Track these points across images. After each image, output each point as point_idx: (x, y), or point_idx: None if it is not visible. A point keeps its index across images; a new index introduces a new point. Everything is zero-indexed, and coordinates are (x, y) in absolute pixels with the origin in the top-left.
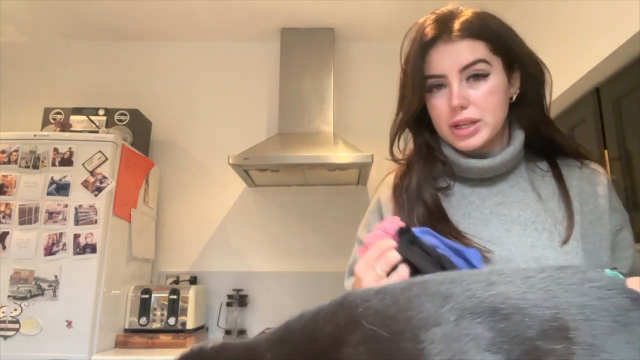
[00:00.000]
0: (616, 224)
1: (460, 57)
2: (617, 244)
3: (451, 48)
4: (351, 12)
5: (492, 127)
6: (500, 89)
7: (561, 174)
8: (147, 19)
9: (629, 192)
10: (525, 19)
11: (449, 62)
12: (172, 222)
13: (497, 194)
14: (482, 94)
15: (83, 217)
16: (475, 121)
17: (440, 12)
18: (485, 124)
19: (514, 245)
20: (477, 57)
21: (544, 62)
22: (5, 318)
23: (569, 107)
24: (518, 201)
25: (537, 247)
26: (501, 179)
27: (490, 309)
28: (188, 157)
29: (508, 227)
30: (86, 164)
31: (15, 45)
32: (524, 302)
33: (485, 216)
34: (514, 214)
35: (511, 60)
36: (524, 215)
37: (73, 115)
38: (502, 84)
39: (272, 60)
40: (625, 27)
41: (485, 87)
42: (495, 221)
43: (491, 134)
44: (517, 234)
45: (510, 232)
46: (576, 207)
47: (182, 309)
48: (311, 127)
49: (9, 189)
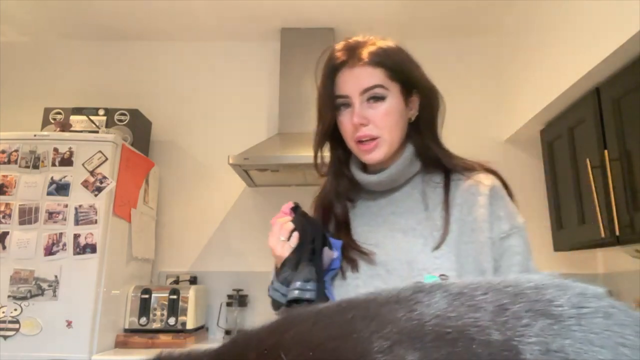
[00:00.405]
0: (500, 232)
1: (362, 81)
2: (503, 252)
3: (355, 73)
4: (351, 12)
5: (389, 144)
6: (395, 110)
7: (449, 186)
8: (147, 19)
9: (629, 192)
10: (525, 19)
11: (352, 84)
12: (172, 222)
13: (392, 204)
14: (379, 114)
15: (83, 217)
16: (375, 138)
17: (351, 41)
18: (384, 141)
19: (393, 250)
20: (375, 82)
21: (544, 61)
22: (5, 318)
23: (569, 107)
24: (408, 210)
25: (411, 251)
26: (397, 191)
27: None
28: (188, 157)
29: (393, 233)
30: (86, 164)
31: (15, 45)
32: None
33: (379, 224)
34: (401, 222)
35: (409, 86)
36: (408, 223)
37: (73, 115)
38: (397, 107)
39: (272, 60)
40: (625, 27)
41: (382, 108)
42: (384, 228)
43: (389, 149)
44: (399, 239)
45: (394, 238)
46: (456, 215)
47: (182, 309)
48: (311, 127)
49: (9, 189)
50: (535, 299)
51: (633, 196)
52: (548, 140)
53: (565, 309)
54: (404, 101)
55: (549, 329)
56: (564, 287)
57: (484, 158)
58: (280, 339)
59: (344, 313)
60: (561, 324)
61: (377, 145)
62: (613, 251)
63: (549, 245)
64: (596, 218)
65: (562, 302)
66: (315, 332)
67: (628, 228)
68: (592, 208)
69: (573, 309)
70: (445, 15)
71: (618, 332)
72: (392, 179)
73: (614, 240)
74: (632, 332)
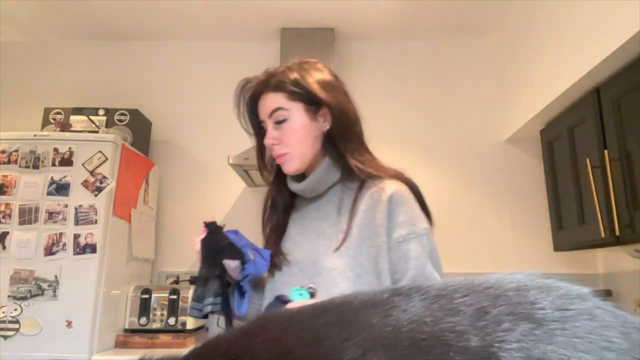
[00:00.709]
0: (397, 236)
1: (267, 106)
2: (401, 255)
3: (264, 99)
4: (351, 12)
5: (299, 158)
6: (299, 128)
7: (358, 193)
8: (147, 19)
9: (629, 192)
10: (525, 19)
11: (263, 110)
12: (172, 222)
13: (317, 210)
14: (284, 134)
15: (83, 217)
16: (284, 154)
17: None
18: (293, 156)
19: (306, 251)
20: (276, 106)
21: (544, 61)
22: (5, 318)
23: (569, 107)
24: (326, 215)
25: (317, 252)
26: (322, 197)
27: (409, 339)
28: (188, 157)
29: (310, 236)
30: (86, 164)
31: (15, 45)
32: (451, 331)
33: (304, 227)
34: (317, 226)
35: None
36: (322, 227)
37: (73, 115)
38: (302, 124)
39: (272, 60)
40: (625, 27)
41: (286, 128)
42: (306, 231)
43: (301, 162)
44: (312, 242)
45: (310, 240)
46: (359, 220)
47: (182, 309)
48: None
49: (9, 189)
50: (517, 301)
51: (633, 196)
52: (548, 140)
53: (548, 312)
54: (312, 116)
55: (530, 333)
56: (547, 288)
57: (484, 158)
58: (250, 344)
59: (317, 318)
60: (543, 328)
61: (287, 160)
62: (613, 251)
63: (549, 245)
64: (596, 218)
65: (544, 305)
66: (286, 337)
67: (628, 228)
68: (592, 208)
69: (557, 312)
70: (445, 15)
71: (603, 334)
72: (311, 187)
73: (614, 240)
74: (617, 333)
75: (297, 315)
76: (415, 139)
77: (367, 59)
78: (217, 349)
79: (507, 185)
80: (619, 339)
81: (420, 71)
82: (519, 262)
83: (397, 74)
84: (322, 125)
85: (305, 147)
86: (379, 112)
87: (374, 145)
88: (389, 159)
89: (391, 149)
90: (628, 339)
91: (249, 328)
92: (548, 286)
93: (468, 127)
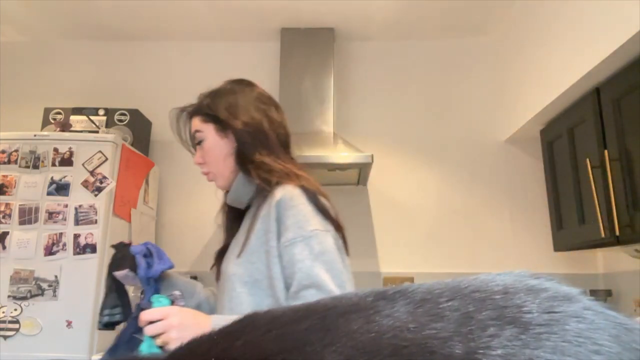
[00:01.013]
0: (284, 240)
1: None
2: (289, 258)
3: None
4: (351, 12)
5: (220, 175)
6: (213, 148)
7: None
8: (148, 19)
9: (629, 192)
10: (525, 19)
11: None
12: (172, 222)
13: (245, 220)
14: (204, 154)
15: (83, 217)
16: (208, 173)
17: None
18: (214, 174)
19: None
20: (194, 129)
21: (544, 61)
22: (5, 318)
23: (569, 107)
24: (244, 225)
25: (227, 259)
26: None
27: (390, 346)
28: (188, 157)
29: (232, 246)
30: (86, 164)
31: (15, 45)
32: (434, 338)
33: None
34: (239, 235)
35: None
36: (238, 236)
37: (73, 115)
38: (214, 144)
39: (272, 60)
40: (625, 27)
41: (205, 148)
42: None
43: (222, 178)
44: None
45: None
46: (258, 227)
47: None
48: (311, 127)
49: (9, 189)
50: (504, 305)
51: (633, 196)
52: (548, 140)
53: (535, 316)
54: (222, 135)
55: (516, 338)
56: (535, 290)
57: (484, 158)
58: (230, 346)
59: (299, 322)
60: (530, 332)
61: (212, 178)
62: (613, 251)
63: (549, 245)
64: (596, 218)
65: (531, 308)
66: (266, 341)
67: (628, 228)
68: (592, 208)
69: (544, 315)
70: (445, 15)
71: (592, 337)
72: (233, 200)
73: (614, 240)
74: (607, 336)
75: (280, 318)
76: (415, 139)
77: (367, 59)
78: (198, 349)
79: (507, 186)
80: (608, 341)
81: (420, 71)
82: (519, 262)
83: (397, 74)
84: (232, 143)
85: (221, 164)
86: (378, 112)
87: (374, 145)
88: (389, 159)
89: (391, 149)
90: (618, 342)
91: (232, 329)
92: (536, 288)
93: (468, 127)
